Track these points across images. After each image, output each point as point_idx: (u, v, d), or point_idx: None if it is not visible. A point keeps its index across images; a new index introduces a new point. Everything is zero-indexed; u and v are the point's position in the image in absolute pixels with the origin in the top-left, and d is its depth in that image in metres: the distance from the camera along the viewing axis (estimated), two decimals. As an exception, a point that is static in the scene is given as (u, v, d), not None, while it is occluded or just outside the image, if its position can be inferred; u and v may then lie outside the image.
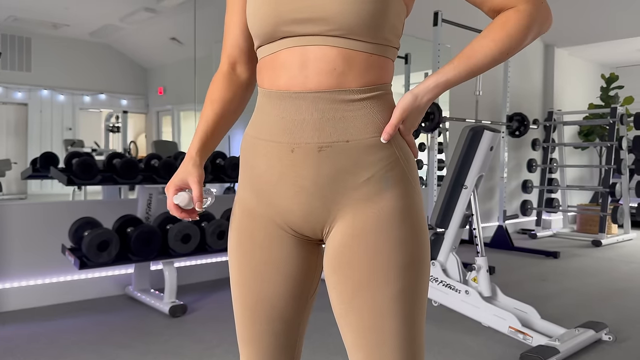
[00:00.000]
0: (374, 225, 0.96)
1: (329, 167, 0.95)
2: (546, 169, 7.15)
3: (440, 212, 3.25)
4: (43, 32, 4.34)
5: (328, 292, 1.02)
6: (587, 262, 5.20)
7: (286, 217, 1.01)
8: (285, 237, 1.03)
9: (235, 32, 1.11)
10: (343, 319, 0.99)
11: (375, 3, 0.92)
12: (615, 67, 8.95)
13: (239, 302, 1.09)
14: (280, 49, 0.97)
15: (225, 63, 1.13)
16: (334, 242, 0.99)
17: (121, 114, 4.83)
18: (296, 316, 1.08)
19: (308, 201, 0.97)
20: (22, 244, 3.38)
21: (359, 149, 0.95)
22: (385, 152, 0.96)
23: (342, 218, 0.98)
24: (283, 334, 1.08)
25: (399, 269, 0.95)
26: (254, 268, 1.05)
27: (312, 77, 0.95)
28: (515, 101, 6.96)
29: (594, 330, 2.84)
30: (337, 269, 0.98)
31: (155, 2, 4.62)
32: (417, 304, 0.97)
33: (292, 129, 0.96)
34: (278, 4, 0.94)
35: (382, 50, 0.97)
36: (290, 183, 0.97)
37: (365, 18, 0.91)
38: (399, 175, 0.98)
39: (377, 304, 0.95)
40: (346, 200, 0.97)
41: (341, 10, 0.91)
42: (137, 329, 3.00)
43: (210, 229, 3.41)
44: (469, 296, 3.00)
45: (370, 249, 0.95)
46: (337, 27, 0.92)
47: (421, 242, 0.99)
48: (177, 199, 1.04)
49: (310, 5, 0.92)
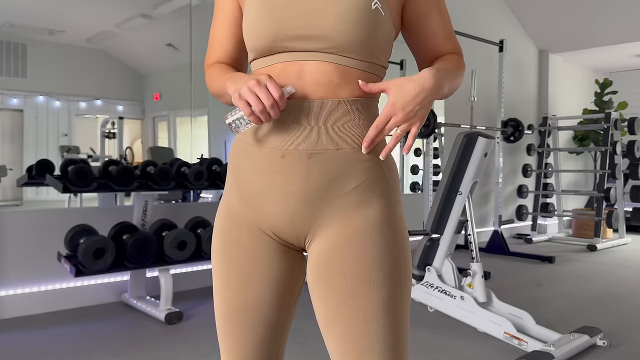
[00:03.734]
0: (361, 233, 0.98)
1: (318, 174, 0.98)
2: (541, 174, 7.18)
3: (435, 218, 3.26)
4: (39, 38, 4.35)
5: (312, 300, 1.03)
6: (582, 267, 5.22)
7: (272, 223, 1.03)
8: (270, 243, 1.05)
9: (225, 44, 1.12)
10: (330, 327, 1.00)
11: (369, 24, 0.97)
12: (608, 73, 9.01)
13: (223, 307, 1.09)
14: (277, 62, 1.00)
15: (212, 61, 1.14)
16: (318, 250, 1.01)
17: (117, 120, 4.84)
18: (280, 322, 1.09)
19: (295, 207, 0.99)
20: (18, 251, 3.37)
21: (348, 158, 0.98)
22: (372, 162, 1.00)
23: (327, 226, 1.00)
24: (267, 339, 1.09)
25: (385, 276, 0.98)
26: (239, 272, 1.06)
27: (307, 87, 0.98)
28: (510, 107, 6.99)
29: (589, 336, 2.85)
30: (325, 277, 0.99)
31: (151, 8, 4.64)
32: (401, 310, 1.00)
33: (283, 134, 0.99)
34: (279, 20, 0.98)
35: (373, 68, 1.02)
36: (279, 188, 0.99)
37: (361, 38, 0.97)
38: (384, 186, 1.02)
39: (366, 310, 0.97)
40: (333, 208, 0.99)
41: (339, 30, 0.96)
42: (133, 337, 3.00)
43: (206, 236, 3.41)
44: (465, 302, 3.01)
45: (359, 256, 0.98)
46: (334, 45, 0.97)
47: (404, 251, 1.02)
48: (289, 87, 0.96)
49: (311, 24, 0.96)
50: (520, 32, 7.46)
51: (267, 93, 0.92)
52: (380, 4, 0.98)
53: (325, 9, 0.96)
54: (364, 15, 0.96)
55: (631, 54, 7.77)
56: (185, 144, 5.13)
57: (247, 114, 0.94)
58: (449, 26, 1.14)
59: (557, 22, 7.14)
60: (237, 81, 0.98)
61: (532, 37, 7.64)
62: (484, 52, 6.39)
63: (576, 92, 8.49)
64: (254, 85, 0.92)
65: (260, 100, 0.92)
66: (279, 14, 0.98)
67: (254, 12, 1.01)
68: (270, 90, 0.92)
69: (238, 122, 0.97)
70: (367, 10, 0.96)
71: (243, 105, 0.93)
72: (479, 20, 6.64)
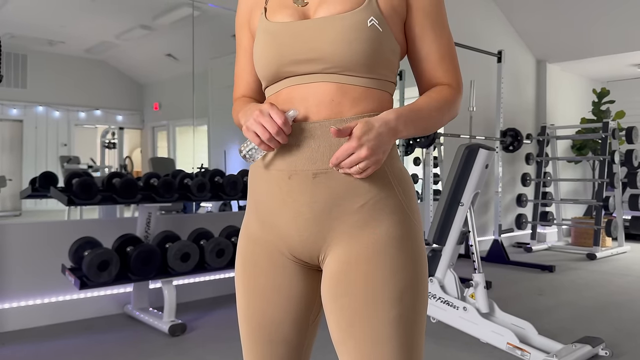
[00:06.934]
0: (368, 254, 0.99)
1: (324, 193, 0.99)
2: (540, 183, 7.21)
3: (437, 229, 3.28)
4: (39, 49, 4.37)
5: (326, 318, 1.05)
6: (582, 276, 5.24)
7: (287, 243, 1.05)
8: (287, 263, 1.07)
9: (246, 77, 1.19)
10: (342, 345, 1.01)
11: (366, 42, 0.99)
12: (606, 82, 9.06)
13: (244, 324, 1.12)
14: (284, 87, 1.04)
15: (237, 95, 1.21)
16: (330, 269, 1.02)
17: (117, 130, 4.85)
18: (299, 340, 1.11)
19: (305, 226, 1.01)
20: (21, 264, 3.38)
21: (353, 177, 0.99)
22: (379, 180, 1.00)
23: (337, 245, 1.01)
24: (286, 358, 1.10)
25: (394, 297, 0.98)
26: (258, 293, 1.09)
27: (311, 108, 1.01)
28: (509, 116, 7.03)
29: (591, 346, 2.87)
30: (335, 296, 1.01)
31: (151, 19, 4.67)
32: (414, 330, 1.00)
33: (289, 157, 1.02)
34: (280, 47, 1.02)
35: (378, 84, 1.03)
36: (290, 209, 1.02)
37: (358, 55, 0.99)
38: (394, 204, 1.01)
39: (374, 331, 0.97)
40: (341, 227, 1.00)
41: (336, 50, 0.99)
42: (137, 349, 3.00)
43: (209, 247, 3.42)
44: (467, 312, 3.02)
45: (366, 277, 0.98)
46: (332, 65, 1.00)
47: (417, 271, 1.01)
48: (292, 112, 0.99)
49: (309, 48, 1.00)
50: (518, 42, 7.51)
51: (272, 121, 0.96)
52: (377, 21, 1.00)
53: (322, 31, 0.99)
54: (359, 33, 0.98)
55: (628, 63, 7.83)
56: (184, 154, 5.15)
57: (257, 144, 0.99)
58: (445, 50, 1.09)
59: (554, 32, 7.19)
60: (246, 113, 1.04)
61: (530, 48, 7.70)
62: (483, 62, 6.43)
63: (574, 102, 8.54)
64: (258, 116, 0.97)
65: (266, 129, 0.96)
66: (280, 41, 1.02)
67: (261, 42, 1.06)
68: (274, 118, 0.97)
69: (251, 152, 1.02)
70: (362, 28, 0.98)
71: (252, 137, 0.98)
72: (478, 31, 6.69)
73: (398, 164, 1.05)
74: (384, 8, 1.02)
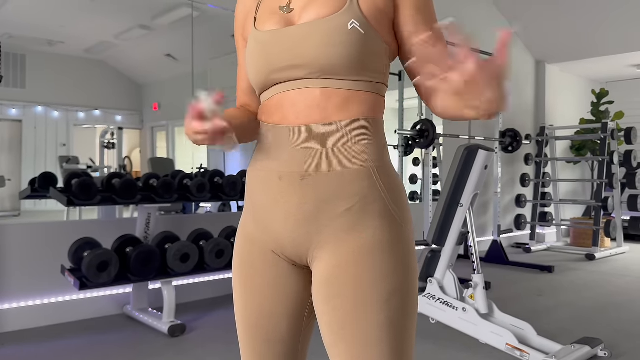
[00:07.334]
0: (356, 258, 0.99)
1: (312, 196, 1.01)
2: (539, 184, 7.22)
3: (436, 230, 3.29)
4: (38, 49, 4.37)
5: (318, 321, 1.06)
6: (581, 276, 5.24)
7: (278, 242, 1.07)
8: (281, 263, 1.09)
9: (244, 88, 1.21)
10: (333, 348, 1.02)
11: (348, 45, 0.99)
12: (605, 83, 9.07)
13: (242, 324, 1.14)
14: (275, 94, 1.06)
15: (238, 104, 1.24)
16: (321, 272, 1.03)
17: (116, 130, 4.85)
18: (295, 339, 1.13)
19: (295, 227, 1.03)
20: (20, 264, 3.38)
21: (340, 180, 1.00)
22: (365, 183, 1.00)
23: (324, 248, 1.02)
24: (283, 356, 1.12)
25: (383, 300, 0.98)
26: (255, 292, 1.11)
27: (300, 112, 1.02)
28: (508, 117, 7.03)
29: (590, 347, 2.87)
30: (328, 298, 1.01)
31: (150, 20, 4.67)
32: (403, 334, 1.00)
33: (279, 158, 1.04)
34: (268, 56, 1.05)
35: (365, 86, 1.03)
36: (281, 209, 1.03)
37: (341, 59, 0.99)
38: (381, 208, 1.01)
39: (364, 334, 0.98)
40: (328, 230, 1.01)
41: (319, 55, 0.99)
42: (136, 350, 3.00)
43: (209, 248, 3.42)
44: (466, 313, 3.02)
45: (355, 280, 0.99)
46: (317, 70, 1.01)
47: (407, 276, 1.01)
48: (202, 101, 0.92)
49: (294, 55, 1.02)
50: (517, 43, 7.52)
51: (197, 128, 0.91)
52: (359, 23, 0.99)
53: (304, 37, 1.01)
54: (340, 36, 0.98)
55: (627, 64, 7.84)
56: (184, 154, 5.15)
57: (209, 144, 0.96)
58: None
59: (553, 33, 7.20)
60: None
61: (529, 48, 7.70)
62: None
63: (573, 102, 8.55)
64: (188, 130, 0.94)
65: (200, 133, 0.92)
66: (269, 50, 1.04)
67: (250, 52, 1.09)
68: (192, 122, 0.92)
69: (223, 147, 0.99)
70: (342, 31, 0.98)
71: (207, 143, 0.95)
72: (476, 31, 6.69)
73: (387, 169, 1.04)
74: (366, 9, 1.01)
